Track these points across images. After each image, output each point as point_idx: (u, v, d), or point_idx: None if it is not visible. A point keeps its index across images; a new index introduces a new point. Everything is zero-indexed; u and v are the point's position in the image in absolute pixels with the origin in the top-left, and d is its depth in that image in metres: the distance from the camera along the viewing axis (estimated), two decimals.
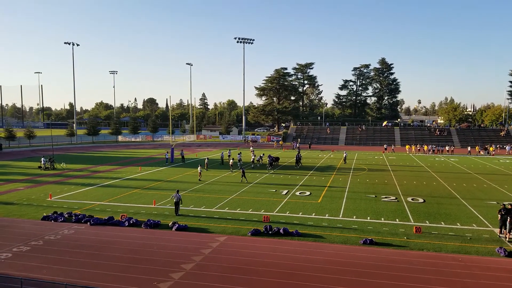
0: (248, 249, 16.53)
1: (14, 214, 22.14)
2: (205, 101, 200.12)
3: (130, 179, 34.84)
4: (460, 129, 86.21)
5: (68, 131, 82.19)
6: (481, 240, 17.82)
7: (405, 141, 78.14)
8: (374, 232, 18.94)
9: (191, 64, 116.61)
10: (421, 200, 26.10)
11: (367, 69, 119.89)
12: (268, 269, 14.35)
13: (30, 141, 71.07)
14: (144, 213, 22.49)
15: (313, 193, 28.40)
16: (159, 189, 29.61)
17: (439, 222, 20.77)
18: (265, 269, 14.31)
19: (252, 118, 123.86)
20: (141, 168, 41.49)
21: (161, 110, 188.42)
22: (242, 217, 21.55)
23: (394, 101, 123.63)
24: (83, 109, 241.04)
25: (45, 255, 15.70)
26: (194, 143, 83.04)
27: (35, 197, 26.72)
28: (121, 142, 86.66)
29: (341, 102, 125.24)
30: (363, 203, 25.22)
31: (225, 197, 26.64)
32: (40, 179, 34.42)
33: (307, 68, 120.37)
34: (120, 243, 17.12)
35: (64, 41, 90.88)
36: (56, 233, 18.52)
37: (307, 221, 20.77)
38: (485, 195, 28.25)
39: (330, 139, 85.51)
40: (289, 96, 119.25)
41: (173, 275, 13.80)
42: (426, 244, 17.13)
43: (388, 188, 30.50)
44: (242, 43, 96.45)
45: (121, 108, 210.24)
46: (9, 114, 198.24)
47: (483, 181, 34.39)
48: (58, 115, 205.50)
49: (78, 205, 24.31)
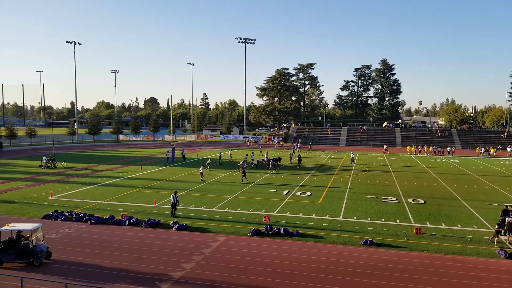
0: (249, 249, 16.53)
1: (15, 213, 22.17)
2: (206, 101, 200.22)
3: (130, 178, 34.87)
4: (461, 130, 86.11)
5: (69, 130, 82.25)
6: (482, 241, 17.80)
7: (406, 142, 78.06)
8: (374, 233, 18.93)
9: (192, 63, 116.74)
10: (422, 201, 26.08)
11: (368, 70, 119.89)
12: (268, 269, 14.35)
13: (31, 139, 71.13)
14: (144, 212, 22.50)
15: (314, 193, 28.38)
16: (159, 189, 29.62)
17: (440, 223, 20.74)
18: (265, 269, 14.31)
19: (253, 118, 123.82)
20: (142, 168, 41.52)
21: (162, 110, 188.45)
22: (243, 217, 21.55)
23: (395, 102, 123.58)
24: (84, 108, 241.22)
25: None
26: (195, 143, 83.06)
27: (36, 196, 26.75)
28: (122, 141, 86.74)
29: (342, 102, 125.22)
30: (363, 204, 25.21)
31: (226, 197, 26.65)
32: (41, 178, 34.46)
33: (309, 69, 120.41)
34: (120, 242, 17.14)
35: (66, 40, 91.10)
36: (57, 232, 18.55)
37: (307, 222, 20.76)
38: (486, 196, 28.21)
39: (331, 139, 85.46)
40: (290, 96, 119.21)
41: (173, 274, 13.81)
42: (427, 245, 17.11)
43: (388, 189, 30.47)
44: (243, 43, 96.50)
45: (122, 107, 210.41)
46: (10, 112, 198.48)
47: (484, 183, 34.33)
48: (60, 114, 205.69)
49: (79, 204, 24.34)
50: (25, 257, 14.51)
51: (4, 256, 14.44)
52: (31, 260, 14.40)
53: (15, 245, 14.67)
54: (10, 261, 14.48)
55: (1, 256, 14.42)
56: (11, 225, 15.18)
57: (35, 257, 14.41)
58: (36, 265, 14.35)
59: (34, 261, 14.40)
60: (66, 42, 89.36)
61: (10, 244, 14.67)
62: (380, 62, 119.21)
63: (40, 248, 14.69)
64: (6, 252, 14.49)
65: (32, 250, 14.55)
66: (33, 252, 14.50)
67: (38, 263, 14.39)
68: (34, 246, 14.71)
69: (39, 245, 14.87)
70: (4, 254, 14.47)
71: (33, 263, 14.40)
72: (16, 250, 14.56)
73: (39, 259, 14.43)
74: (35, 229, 15.12)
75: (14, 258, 14.50)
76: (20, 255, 14.54)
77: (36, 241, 15.06)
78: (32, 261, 14.40)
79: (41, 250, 14.62)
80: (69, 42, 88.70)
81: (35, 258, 14.40)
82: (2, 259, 14.40)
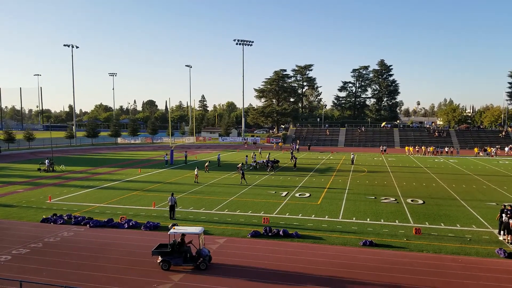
0: (248, 250, 16.52)
1: (13, 217, 22.11)
2: (204, 103, 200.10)
3: (129, 181, 34.81)
4: (459, 130, 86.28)
5: (67, 133, 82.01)
6: (481, 241, 17.83)
7: (404, 142, 78.16)
8: (373, 233, 18.94)
9: (190, 66, 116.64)
10: (421, 202, 26.11)
11: (366, 71, 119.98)
12: (268, 270, 14.34)
13: (29, 143, 70.89)
14: (143, 215, 22.46)
15: (313, 194, 28.39)
16: (158, 191, 29.58)
17: (439, 223, 20.77)
18: (265, 271, 14.30)
19: (251, 120, 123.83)
20: (141, 170, 41.45)
21: (160, 112, 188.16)
22: (242, 219, 21.54)
23: (393, 103, 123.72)
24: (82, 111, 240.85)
25: (44, 257, 15.68)
26: (193, 145, 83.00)
27: (35, 200, 26.68)
28: (120, 144, 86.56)
29: (340, 103, 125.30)
30: (362, 204, 25.22)
31: (225, 199, 26.62)
32: (40, 182, 34.38)
33: (306, 70, 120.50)
34: (119, 245, 17.10)
35: (64, 43, 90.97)
36: (56, 235, 18.50)
37: (306, 223, 20.76)
38: (485, 196, 28.27)
39: (330, 140, 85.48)
40: (289, 97, 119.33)
41: (172, 277, 13.79)
42: (426, 246, 17.13)
43: (387, 190, 30.50)
44: (241, 45, 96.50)
45: (120, 110, 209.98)
46: (8, 116, 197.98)
47: (482, 182, 34.41)
48: (58, 117, 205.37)
49: (78, 207, 24.29)
50: (192, 261, 14.40)
51: (173, 259, 14.38)
52: (197, 263, 14.29)
53: (179, 248, 14.52)
54: (178, 264, 14.39)
55: (170, 259, 14.36)
56: (177, 228, 15.12)
57: (202, 261, 14.28)
58: (202, 268, 14.22)
59: (201, 264, 14.27)
60: (64, 45, 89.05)
61: (177, 248, 14.54)
62: (378, 62, 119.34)
63: (205, 252, 14.60)
64: (173, 255, 14.40)
65: (198, 253, 14.44)
66: (200, 255, 14.39)
67: (204, 267, 14.26)
68: (200, 249, 14.57)
69: (203, 248, 14.75)
70: (172, 257, 14.38)
71: (199, 266, 14.27)
72: (182, 254, 14.43)
73: (205, 263, 14.30)
74: (201, 233, 14.96)
75: (182, 262, 14.39)
76: (187, 259, 14.43)
77: (202, 244, 14.91)
78: (199, 265, 14.28)
79: (206, 254, 14.52)
80: (66, 45, 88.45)
81: (202, 261, 14.28)
82: (171, 262, 14.32)
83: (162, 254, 14.54)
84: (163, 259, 14.45)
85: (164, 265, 14.38)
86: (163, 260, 14.44)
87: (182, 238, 15.05)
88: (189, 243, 15.02)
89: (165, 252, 14.54)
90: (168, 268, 14.33)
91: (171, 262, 14.36)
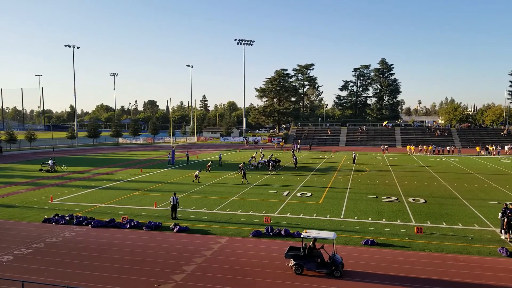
0: (250, 250, 16.52)
1: (15, 217, 22.16)
2: (205, 102, 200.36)
3: (131, 181, 34.85)
4: (460, 129, 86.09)
5: (69, 133, 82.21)
6: (483, 240, 17.80)
7: (406, 141, 78.05)
8: (375, 233, 18.92)
9: (191, 65, 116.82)
10: (422, 201, 26.07)
11: (367, 70, 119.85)
12: (270, 270, 14.34)
13: (31, 143, 71.07)
14: (145, 215, 22.49)
15: (314, 194, 28.37)
16: (160, 191, 29.61)
17: (441, 222, 20.74)
18: (267, 271, 14.30)
19: (252, 120, 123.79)
20: (142, 170, 41.50)
21: (161, 112, 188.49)
22: (243, 219, 21.54)
23: (394, 102, 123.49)
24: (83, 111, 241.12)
25: (46, 257, 15.72)
26: (194, 145, 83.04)
27: (36, 200, 26.73)
28: (121, 144, 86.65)
29: (342, 103, 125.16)
30: (364, 204, 25.20)
31: (226, 199, 26.63)
32: (41, 182, 34.45)
33: (307, 69, 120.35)
34: (121, 245, 17.13)
35: (65, 44, 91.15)
36: (58, 236, 18.53)
37: (308, 222, 20.75)
38: (487, 195, 28.21)
39: (331, 140, 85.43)
40: (290, 97, 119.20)
41: (174, 277, 13.80)
42: (428, 245, 17.10)
43: (389, 189, 30.46)
44: (242, 44, 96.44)
45: (121, 110, 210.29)
46: (10, 117, 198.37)
47: (484, 181, 34.33)
48: (59, 118, 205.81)
49: (79, 208, 24.33)
50: (325, 267, 13.91)
51: (306, 264, 14.00)
52: (331, 270, 13.77)
53: (311, 253, 14.17)
54: (311, 269, 13.99)
55: (303, 263, 14.01)
56: (309, 232, 14.58)
57: (336, 268, 13.76)
58: (336, 276, 13.68)
59: (335, 271, 13.73)
60: (65, 45, 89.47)
61: (309, 252, 14.18)
62: (379, 62, 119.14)
63: (338, 259, 14.06)
64: (307, 260, 14.03)
65: (332, 259, 13.92)
66: (334, 261, 13.87)
67: (338, 274, 13.69)
68: (333, 255, 14.05)
69: (336, 255, 14.25)
70: (306, 261, 14.03)
71: (333, 273, 13.75)
72: (314, 258, 14.01)
73: (339, 270, 13.73)
74: (334, 238, 14.19)
75: (315, 267, 13.96)
76: (320, 264, 13.97)
77: (334, 250, 14.48)
78: (333, 272, 13.75)
79: (339, 261, 13.97)
80: (67, 46, 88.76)
81: (336, 268, 13.76)
82: (304, 266, 14.00)
83: (295, 258, 14.12)
84: (296, 263, 14.04)
85: (297, 268, 14.00)
86: (296, 264, 14.04)
87: (314, 242, 14.57)
88: (320, 248, 14.50)
89: (298, 256, 14.12)
90: (301, 272, 13.93)
91: (304, 266, 14.00)
